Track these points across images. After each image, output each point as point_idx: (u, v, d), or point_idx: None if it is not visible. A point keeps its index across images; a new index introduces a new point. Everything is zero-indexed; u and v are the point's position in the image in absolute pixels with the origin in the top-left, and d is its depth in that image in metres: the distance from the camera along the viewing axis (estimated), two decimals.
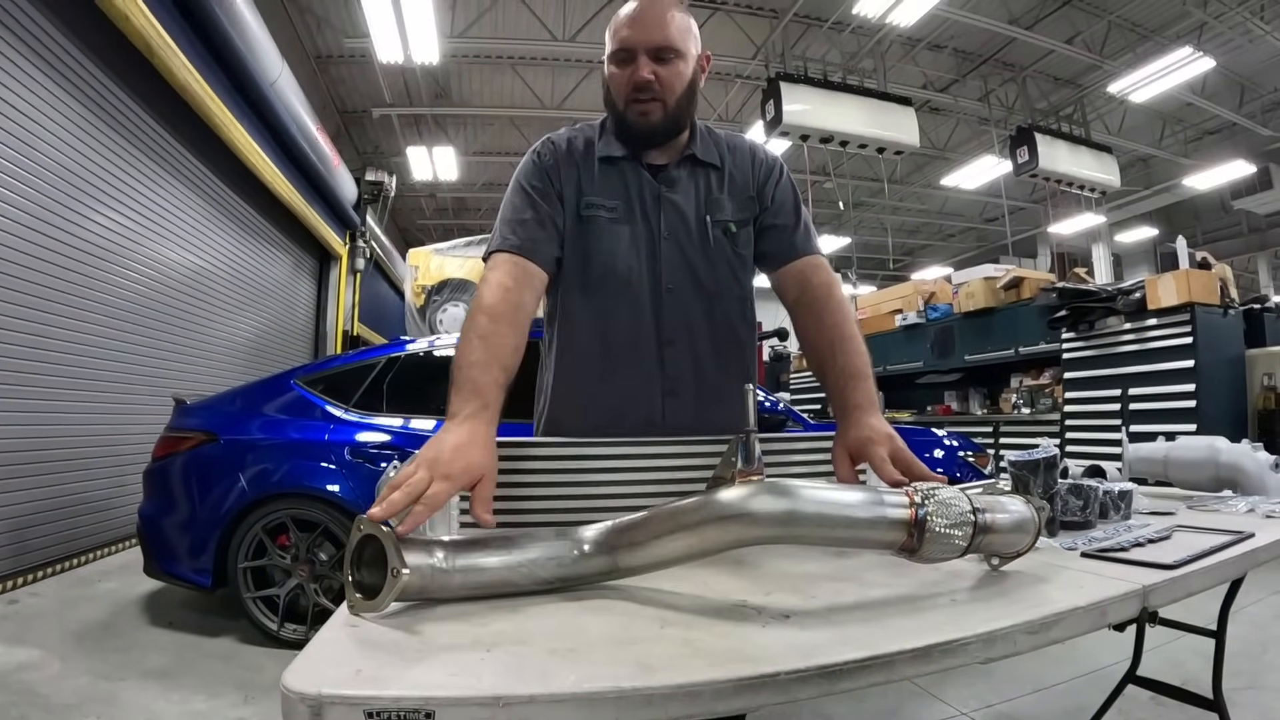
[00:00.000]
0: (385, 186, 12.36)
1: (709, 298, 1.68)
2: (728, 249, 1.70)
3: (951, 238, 22.30)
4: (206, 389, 6.25)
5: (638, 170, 1.68)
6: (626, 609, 1.00)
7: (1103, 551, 1.36)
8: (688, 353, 1.67)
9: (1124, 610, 1.11)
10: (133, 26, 5.35)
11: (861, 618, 0.98)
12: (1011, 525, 1.15)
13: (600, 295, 1.64)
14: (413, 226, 20.02)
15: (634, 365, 1.64)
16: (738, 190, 1.73)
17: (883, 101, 10.38)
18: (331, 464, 4.00)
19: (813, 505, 0.98)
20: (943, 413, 9.49)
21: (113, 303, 5.87)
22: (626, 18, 1.58)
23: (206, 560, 3.93)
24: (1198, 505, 1.95)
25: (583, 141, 1.70)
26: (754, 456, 0.97)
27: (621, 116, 1.62)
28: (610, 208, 1.65)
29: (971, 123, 14.25)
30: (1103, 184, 12.37)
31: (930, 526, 1.03)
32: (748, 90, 12.36)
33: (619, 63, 1.59)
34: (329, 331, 11.81)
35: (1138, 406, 6.81)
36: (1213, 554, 1.35)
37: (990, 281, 8.89)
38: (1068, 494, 1.64)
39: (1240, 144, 13.76)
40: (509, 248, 1.55)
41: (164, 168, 6.57)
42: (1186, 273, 6.66)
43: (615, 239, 1.64)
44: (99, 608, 4.51)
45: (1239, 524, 1.64)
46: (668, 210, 1.67)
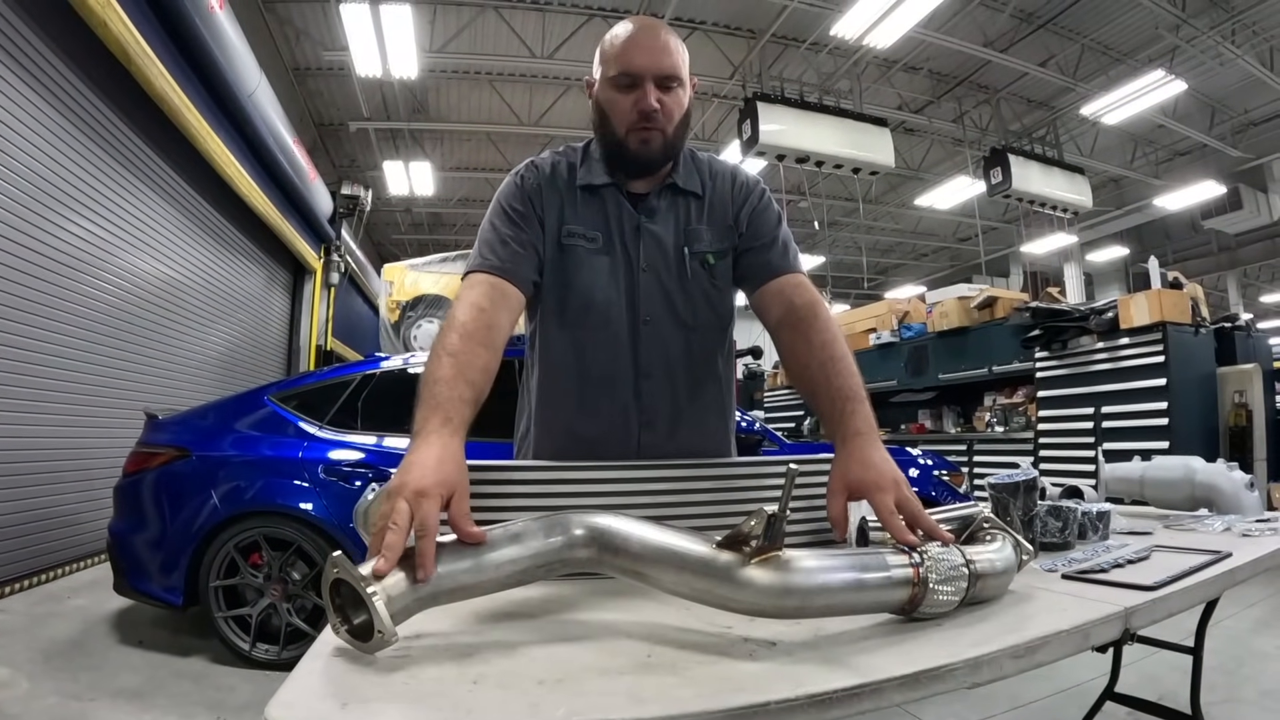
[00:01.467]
0: (361, 200, 12.32)
1: (686, 330, 1.67)
2: (705, 281, 1.68)
3: (925, 257, 22.52)
4: (178, 403, 6.19)
5: (619, 199, 1.66)
6: (613, 638, 0.99)
7: (1083, 573, 1.38)
8: (665, 385, 1.66)
9: (1106, 633, 1.12)
10: (111, 34, 5.31)
11: (848, 644, 0.98)
12: (1001, 569, 1.16)
13: (579, 327, 1.63)
14: (388, 241, 19.93)
15: (611, 398, 1.64)
16: (717, 219, 1.71)
17: (858, 122, 10.50)
18: (305, 482, 3.95)
19: (820, 585, 0.98)
20: (917, 431, 9.57)
21: (84, 313, 5.79)
22: (631, 43, 1.55)
23: (178, 578, 3.86)
24: (1174, 525, 1.99)
25: (565, 167, 1.68)
26: (779, 537, 0.96)
27: (620, 143, 1.58)
28: (590, 238, 1.63)
29: (946, 143, 14.43)
30: (1075, 204, 12.56)
31: (930, 586, 1.04)
32: (725, 109, 12.42)
33: (621, 88, 1.55)
34: (302, 346, 11.72)
35: (1111, 425, 6.91)
36: (1192, 574, 1.37)
37: (964, 301, 9.00)
38: (1047, 515, 1.67)
39: (1210, 165, 14.00)
40: (487, 268, 1.52)
41: (139, 177, 6.51)
42: (1158, 292, 6.79)
43: (595, 270, 1.63)
44: (69, 625, 4.43)
45: (1216, 543, 1.67)
46: (647, 241, 1.65)
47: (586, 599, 1.19)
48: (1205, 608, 2.12)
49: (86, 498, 5.74)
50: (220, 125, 7.35)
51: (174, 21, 6.07)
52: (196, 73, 6.68)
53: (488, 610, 1.09)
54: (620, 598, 1.18)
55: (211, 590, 3.86)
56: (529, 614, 1.11)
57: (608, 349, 1.63)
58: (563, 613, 1.13)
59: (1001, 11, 10.38)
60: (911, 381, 9.78)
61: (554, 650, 0.94)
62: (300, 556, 3.88)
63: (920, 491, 4.70)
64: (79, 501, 5.71)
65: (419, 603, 0.91)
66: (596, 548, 1.02)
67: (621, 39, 1.56)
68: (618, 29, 1.59)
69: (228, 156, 7.59)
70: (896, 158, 11.52)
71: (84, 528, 5.74)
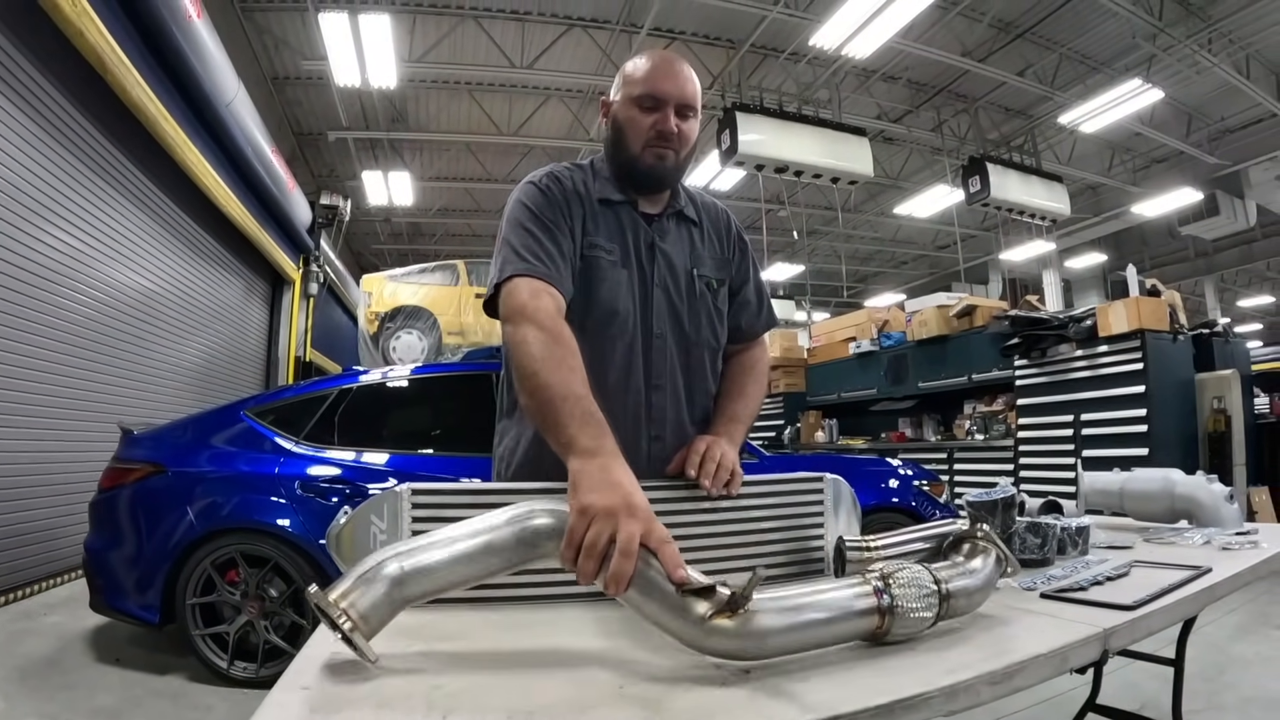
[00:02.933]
0: (340, 210, 12.28)
1: (688, 346, 1.74)
2: (710, 302, 1.77)
3: (904, 265, 22.66)
4: (156, 416, 6.11)
5: (634, 217, 1.72)
6: (586, 667, 0.99)
7: (1062, 592, 1.38)
8: (671, 398, 1.71)
9: (1085, 654, 1.13)
10: (86, 42, 5.26)
11: (822, 671, 0.98)
12: (976, 586, 1.17)
13: (599, 337, 1.64)
14: (367, 251, 19.83)
15: (624, 408, 1.65)
16: (714, 250, 1.82)
17: (837, 132, 10.52)
18: (282, 498, 3.92)
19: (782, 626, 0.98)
20: (897, 440, 9.57)
21: (58, 325, 5.73)
22: (658, 69, 1.65)
23: (154, 596, 3.82)
24: (1154, 538, 2.00)
25: (580, 181, 1.72)
26: (742, 605, 0.96)
27: (635, 159, 1.66)
28: (609, 250, 1.67)
29: (925, 152, 14.51)
30: (1053, 212, 12.64)
31: (898, 613, 1.04)
32: (704, 119, 12.31)
33: (644, 109, 1.64)
34: (281, 357, 11.65)
35: (1091, 432, 6.94)
36: (1171, 591, 1.37)
37: (943, 310, 9.03)
38: (1025, 532, 1.67)
39: (1187, 172, 14.14)
40: (539, 275, 1.52)
41: (114, 187, 6.46)
42: (1136, 300, 6.83)
43: (615, 282, 1.66)
44: (44, 643, 4.39)
45: (1196, 558, 1.68)
46: (660, 259, 1.71)
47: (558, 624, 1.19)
48: (1186, 620, 2.13)
49: (62, 512, 5.67)
50: (197, 135, 7.31)
51: (151, 30, 6.03)
52: (174, 82, 6.64)
53: (459, 635, 1.09)
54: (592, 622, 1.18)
55: (188, 608, 3.83)
56: (500, 641, 1.10)
57: (624, 359, 1.67)
58: (535, 640, 1.12)
59: (980, 21, 10.47)
60: (891, 390, 9.80)
61: (523, 679, 0.94)
62: (277, 573, 3.85)
63: (900, 502, 4.72)
64: (54, 516, 5.64)
65: (392, 608, 0.96)
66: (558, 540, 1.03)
67: (648, 65, 1.66)
68: (642, 57, 1.69)
69: (205, 166, 7.54)
70: (875, 167, 11.58)
71: (60, 543, 5.66)
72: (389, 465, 4.13)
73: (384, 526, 1.39)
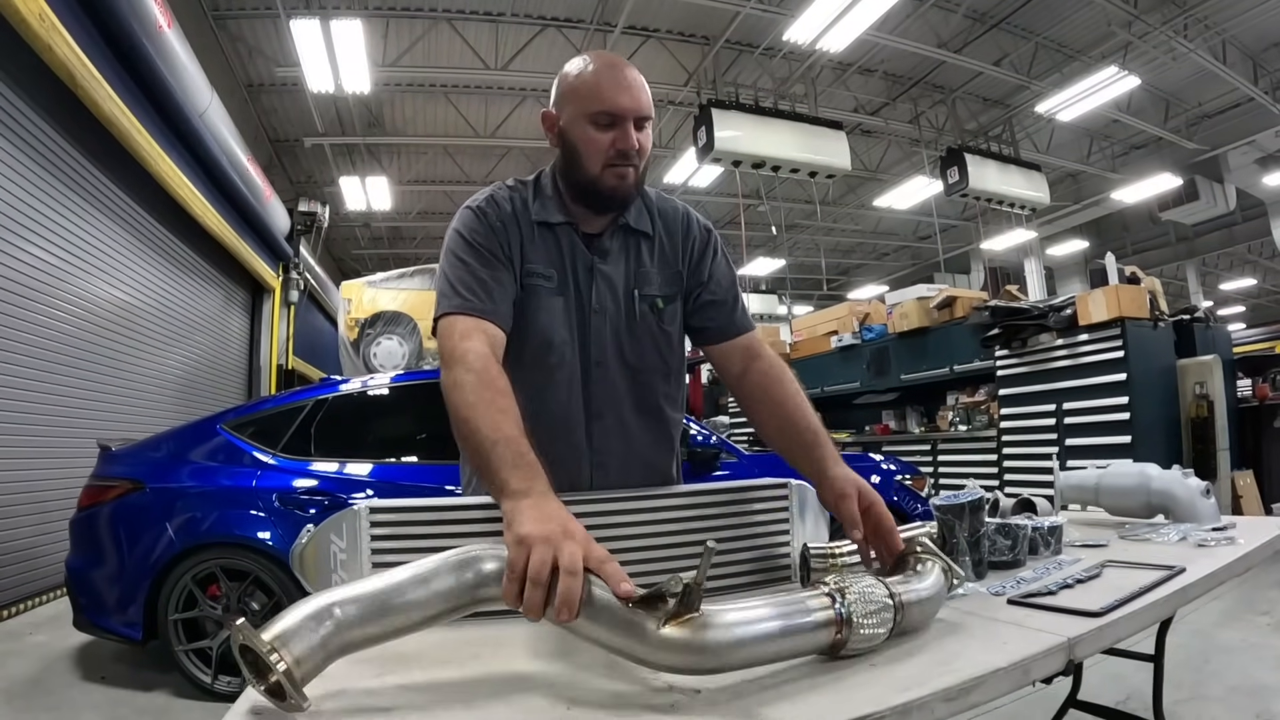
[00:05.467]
0: (318, 217, 12.20)
1: (633, 372, 1.69)
2: (653, 325, 1.70)
3: (886, 256, 22.72)
4: (138, 429, 6.06)
5: (573, 239, 1.65)
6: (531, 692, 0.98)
7: (1029, 597, 1.37)
8: (616, 427, 1.67)
9: (1049, 666, 1.10)
10: (56, 58, 5.21)
11: (775, 691, 0.97)
12: (928, 597, 1.16)
13: (537, 369, 1.62)
14: (348, 256, 19.75)
15: (564, 439, 1.63)
16: (667, 262, 1.74)
17: (814, 126, 10.54)
18: (260, 511, 3.91)
19: (736, 640, 0.97)
20: (881, 432, 9.62)
21: (34, 341, 5.69)
22: (612, 82, 1.54)
23: (136, 612, 3.81)
24: (1130, 535, 1.99)
25: (520, 203, 1.65)
26: (696, 603, 0.95)
27: (594, 180, 1.57)
28: (548, 277, 1.62)
29: (903, 144, 14.54)
30: (1032, 201, 12.69)
31: (854, 625, 1.03)
32: (680, 116, 12.42)
33: (601, 126, 1.53)
34: (263, 366, 11.59)
35: (1073, 421, 6.96)
36: (1143, 595, 1.36)
37: (923, 302, 9.06)
38: (995, 534, 1.65)
39: (1166, 157, 14.20)
40: (473, 311, 1.50)
41: (88, 200, 6.40)
42: (1116, 288, 6.85)
43: (552, 312, 1.62)
44: (29, 663, 4.36)
45: (1171, 556, 1.66)
46: (599, 283, 1.65)
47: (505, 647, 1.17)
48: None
49: (43, 530, 5.63)
50: (171, 146, 7.25)
51: (121, 42, 5.98)
52: (146, 94, 6.59)
53: (402, 660, 1.07)
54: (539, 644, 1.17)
55: (170, 624, 3.81)
56: (444, 666, 1.09)
57: (563, 391, 1.63)
58: (481, 663, 1.11)
59: (954, 12, 10.49)
60: (874, 383, 9.85)
61: (474, 709, 0.93)
62: (259, 586, 3.84)
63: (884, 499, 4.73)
64: (37, 535, 5.60)
65: (328, 656, 0.90)
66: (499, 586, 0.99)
67: (597, 77, 1.55)
68: (584, 65, 1.58)
69: (180, 177, 7.49)
70: (854, 159, 11.60)
71: (42, 561, 5.62)
72: (366, 475, 4.12)
73: (343, 545, 1.36)
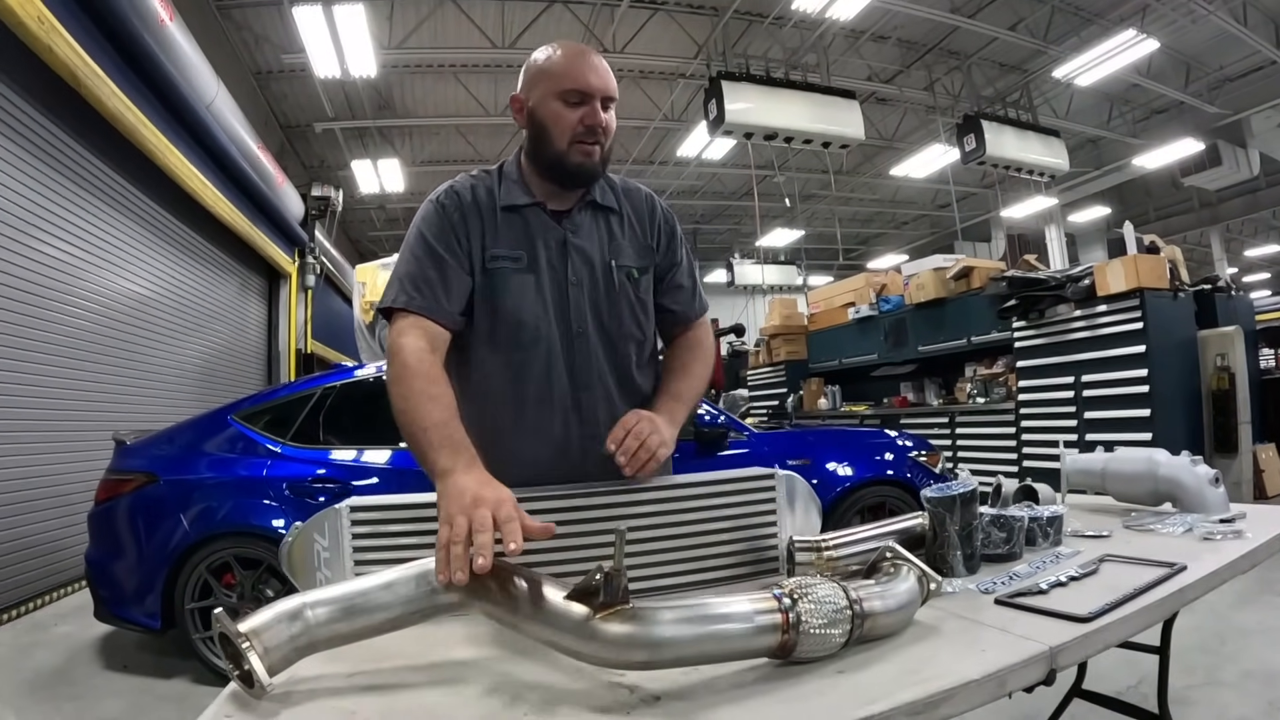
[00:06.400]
0: (332, 201, 12.21)
1: (613, 341, 1.73)
2: (630, 293, 1.75)
3: (905, 225, 22.48)
4: (158, 421, 6.12)
5: (541, 217, 1.69)
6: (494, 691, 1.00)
7: (1017, 596, 1.34)
8: (601, 397, 1.70)
9: (1027, 676, 1.07)
10: (57, 58, 5.21)
11: (734, 697, 0.97)
12: (896, 606, 1.14)
13: (511, 348, 1.65)
14: (364, 239, 19.80)
15: (552, 415, 1.67)
16: (636, 236, 1.79)
17: (826, 96, 10.36)
18: (271, 500, 3.97)
19: (673, 632, 0.98)
20: (899, 404, 9.56)
21: (52, 338, 5.76)
22: (581, 63, 1.61)
23: (154, 602, 3.89)
24: (1135, 525, 1.94)
25: (484, 191, 1.70)
26: (621, 593, 0.97)
27: (561, 156, 1.63)
28: (515, 258, 1.65)
29: (919, 112, 14.31)
30: (1051, 168, 12.46)
31: (804, 628, 1.02)
32: (691, 90, 12.31)
33: (570, 104, 1.60)
34: (282, 352, 11.66)
35: (1092, 393, 6.84)
36: (1136, 597, 1.32)
37: (940, 272, 8.97)
38: (990, 526, 1.62)
39: (1188, 122, 13.86)
40: (415, 308, 1.56)
41: (98, 197, 6.43)
42: (1134, 258, 6.68)
43: (522, 290, 1.65)
44: (54, 654, 4.46)
45: (1174, 550, 1.61)
46: (574, 256, 1.69)
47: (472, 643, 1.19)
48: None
49: (67, 523, 5.71)
50: (180, 138, 7.27)
51: (123, 39, 5.97)
52: (151, 88, 6.59)
53: (370, 656, 1.11)
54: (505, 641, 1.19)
55: (188, 612, 3.88)
56: (412, 663, 1.13)
57: (543, 366, 1.66)
58: (447, 658, 1.14)
59: None
60: (891, 355, 9.79)
61: (435, 702, 0.97)
62: (273, 574, 3.88)
63: (895, 474, 4.71)
64: (59, 528, 5.69)
65: (297, 651, 1.01)
66: (463, 592, 1.06)
67: (566, 59, 1.62)
68: (553, 50, 1.65)
69: (190, 169, 7.51)
70: (869, 128, 11.44)
71: (66, 553, 5.71)
72: (374, 461, 4.17)
73: (326, 544, 1.42)
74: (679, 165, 15.50)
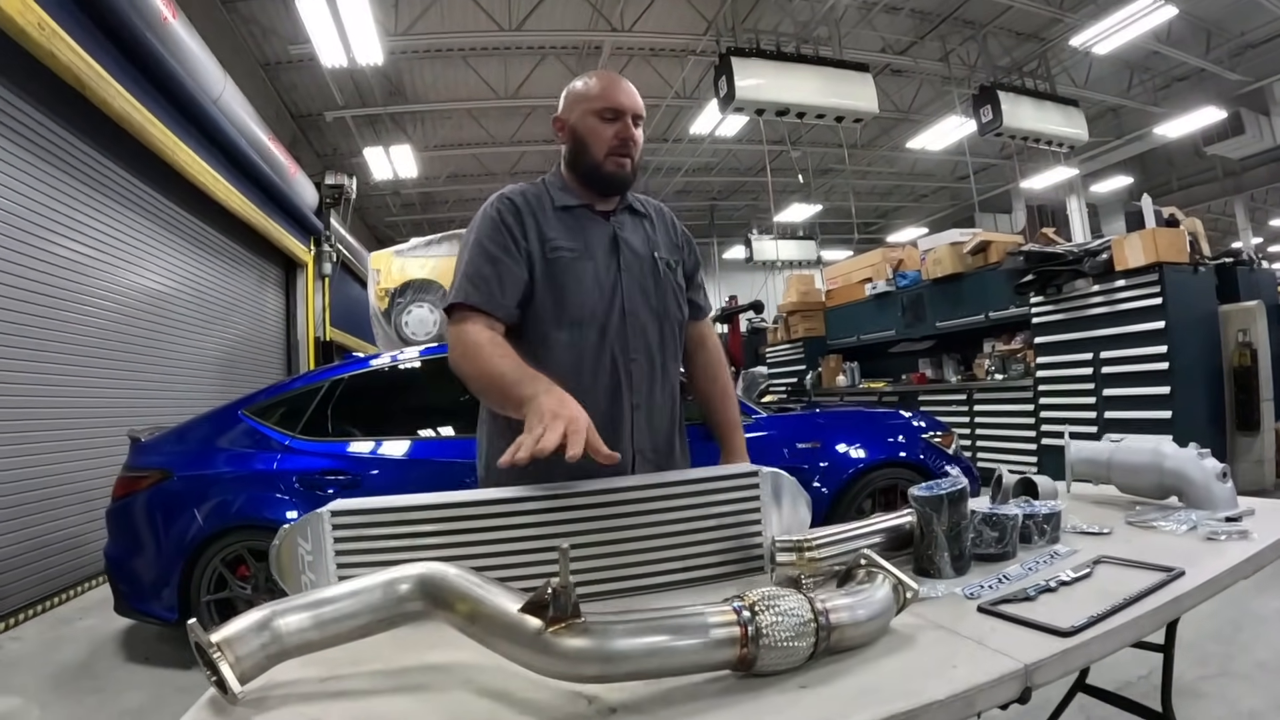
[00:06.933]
0: (346, 189, 12.24)
1: (659, 321, 1.99)
2: (672, 279, 2.04)
3: (925, 198, 22.22)
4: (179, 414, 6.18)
5: (591, 216, 1.97)
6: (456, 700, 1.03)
7: (1001, 603, 1.30)
8: (646, 367, 1.95)
9: (997, 696, 1.04)
10: (60, 63, 5.23)
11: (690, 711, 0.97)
12: (866, 618, 1.13)
13: (574, 324, 1.88)
14: (381, 224, 19.87)
15: (606, 383, 1.90)
16: (668, 237, 2.10)
17: (838, 69, 10.11)
18: (282, 493, 4.03)
19: (625, 646, 0.99)
20: (918, 381, 9.44)
21: (71, 338, 5.85)
22: (614, 84, 1.91)
23: (170, 595, 3.98)
24: (1138, 520, 1.88)
25: (534, 195, 1.95)
26: (571, 608, 0.99)
27: (598, 166, 1.90)
28: (572, 248, 1.89)
29: (935, 83, 14.05)
30: (1070, 138, 12.19)
31: (765, 641, 1.01)
32: (702, 67, 12.12)
33: (605, 120, 1.89)
34: (301, 340, 11.75)
35: (1111, 370, 6.65)
36: (1126, 608, 1.27)
37: (956, 247, 8.82)
38: (982, 525, 1.59)
39: (1210, 90, 13.54)
40: (475, 304, 1.79)
41: (109, 196, 6.48)
42: (1153, 231, 6.44)
43: (581, 274, 1.88)
44: (78, 648, 4.56)
45: (1174, 551, 1.57)
46: (624, 248, 1.96)
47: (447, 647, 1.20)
48: None
49: (90, 519, 5.79)
50: (188, 134, 7.29)
51: (126, 39, 5.99)
52: (157, 86, 6.60)
53: (346, 660, 1.14)
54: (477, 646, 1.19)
55: (203, 605, 3.95)
56: (386, 667, 1.16)
57: (599, 339, 1.90)
58: (420, 662, 1.17)
59: None
60: (909, 331, 9.67)
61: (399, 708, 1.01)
62: None
63: (908, 456, 4.66)
64: (82, 523, 5.78)
65: (269, 659, 1.05)
66: (427, 601, 1.10)
67: (601, 83, 1.92)
68: (590, 77, 1.95)
69: (200, 164, 7.54)
70: (885, 101, 11.28)
71: (89, 548, 5.80)
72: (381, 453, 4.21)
73: (309, 548, 1.44)
74: (693, 142, 15.36)
